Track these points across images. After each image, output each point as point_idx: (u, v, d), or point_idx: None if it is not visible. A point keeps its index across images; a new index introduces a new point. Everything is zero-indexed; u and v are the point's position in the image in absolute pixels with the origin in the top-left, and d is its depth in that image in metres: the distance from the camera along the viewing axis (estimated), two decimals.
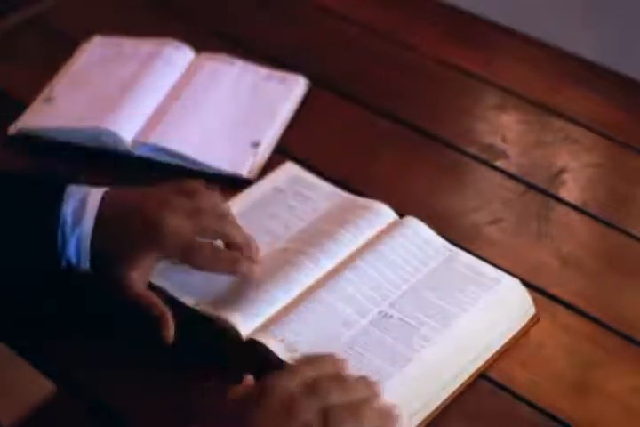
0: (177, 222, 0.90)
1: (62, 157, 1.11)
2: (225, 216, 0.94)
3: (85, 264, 0.91)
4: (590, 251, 1.03)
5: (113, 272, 0.90)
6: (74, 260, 0.90)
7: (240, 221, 0.97)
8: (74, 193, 0.92)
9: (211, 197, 0.95)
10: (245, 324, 0.90)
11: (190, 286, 0.94)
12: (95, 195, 0.92)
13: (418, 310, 0.93)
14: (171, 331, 0.90)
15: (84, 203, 0.91)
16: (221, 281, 0.94)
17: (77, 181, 0.94)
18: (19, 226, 0.90)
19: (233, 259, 0.93)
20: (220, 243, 0.94)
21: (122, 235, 0.90)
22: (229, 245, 0.94)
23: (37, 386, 1.64)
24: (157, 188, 0.95)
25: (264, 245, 0.98)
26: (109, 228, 0.90)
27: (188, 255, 0.91)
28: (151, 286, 0.93)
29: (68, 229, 0.90)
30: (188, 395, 0.89)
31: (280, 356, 0.88)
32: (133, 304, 0.90)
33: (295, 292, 0.94)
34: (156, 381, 0.90)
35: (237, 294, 0.93)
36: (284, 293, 0.93)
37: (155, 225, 0.90)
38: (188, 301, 0.93)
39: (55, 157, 1.11)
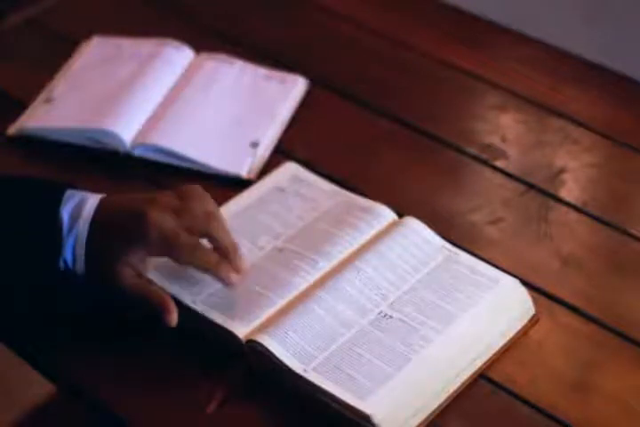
0: (160, 216, 0.90)
1: (62, 158, 1.11)
2: (213, 218, 0.93)
3: (81, 266, 0.91)
4: (590, 251, 1.03)
5: (106, 271, 0.90)
6: (69, 261, 0.91)
7: (240, 220, 0.97)
8: (72, 196, 0.92)
9: (203, 200, 0.94)
10: (243, 328, 0.91)
11: (188, 284, 0.94)
12: (92, 199, 0.92)
13: (418, 311, 0.93)
14: (173, 314, 0.90)
15: (82, 206, 0.91)
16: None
17: (76, 186, 0.94)
18: (18, 227, 0.91)
19: (215, 260, 0.92)
20: (207, 244, 0.94)
21: (113, 234, 0.91)
22: (215, 248, 0.93)
23: (37, 386, 1.64)
24: (153, 192, 0.95)
25: (263, 244, 0.98)
26: (104, 231, 0.91)
27: (170, 248, 0.90)
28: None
29: (65, 231, 0.90)
30: (187, 395, 0.89)
31: (279, 356, 0.88)
32: (131, 297, 0.91)
33: (292, 295, 0.94)
34: (156, 381, 0.90)
35: (234, 296, 0.93)
36: (281, 297, 0.93)
37: (138, 218, 0.90)
38: (185, 298, 0.93)
39: (55, 157, 1.11)
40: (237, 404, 0.88)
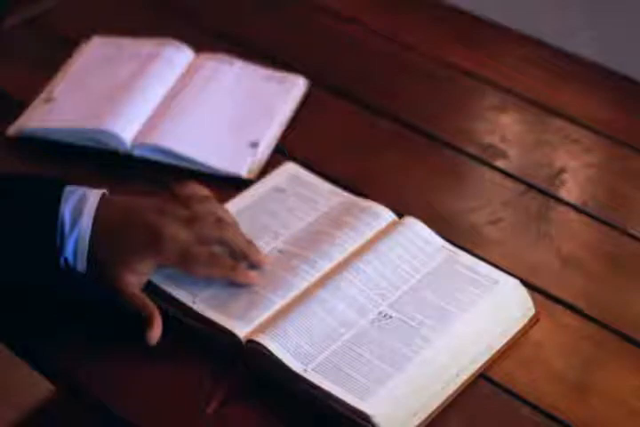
0: (175, 232, 0.91)
1: (62, 158, 1.11)
2: (222, 222, 0.94)
3: (82, 264, 0.91)
4: (590, 251, 1.03)
5: (109, 273, 0.91)
6: (70, 259, 0.91)
7: (240, 220, 0.97)
8: (72, 193, 0.92)
9: (207, 203, 0.95)
10: (242, 328, 0.91)
11: (187, 283, 0.94)
12: (93, 196, 0.92)
13: (417, 311, 0.93)
14: (156, 332, 0.90)
15: (83, 203, 0.91)
16: (218, 279, 0.95)
17: (75, 183, 0.94)
18: (18, 225, 0.90)
19: (229, 266, 0.94)
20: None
21: (121, 238, 0.91)
22: (231, 252, 0.94)
23: (37, 386, 1.64)
24: (153, 197, 0.95)
25: (262, 245, 0.98)
26: (107, 230, 0.91)
27: (186, 263, 0.92)
28: (148, 289, 0.93)
29: (66, 229, 0.90)
30: (187, 395, 0.89)
31: (279, 356, 0.88)
32: (126, 304, 0.91)
33: (292, 295, 0.94)
34: (156, 381, 0.90)
35: (234, 297, 0.93)
36: (281, 297, 0.93)
37: (155, 234, 0.91)
38: (185, 298, 0.93)
39: (55, 157, 1.11)
40: (237, 404, 0.88)
